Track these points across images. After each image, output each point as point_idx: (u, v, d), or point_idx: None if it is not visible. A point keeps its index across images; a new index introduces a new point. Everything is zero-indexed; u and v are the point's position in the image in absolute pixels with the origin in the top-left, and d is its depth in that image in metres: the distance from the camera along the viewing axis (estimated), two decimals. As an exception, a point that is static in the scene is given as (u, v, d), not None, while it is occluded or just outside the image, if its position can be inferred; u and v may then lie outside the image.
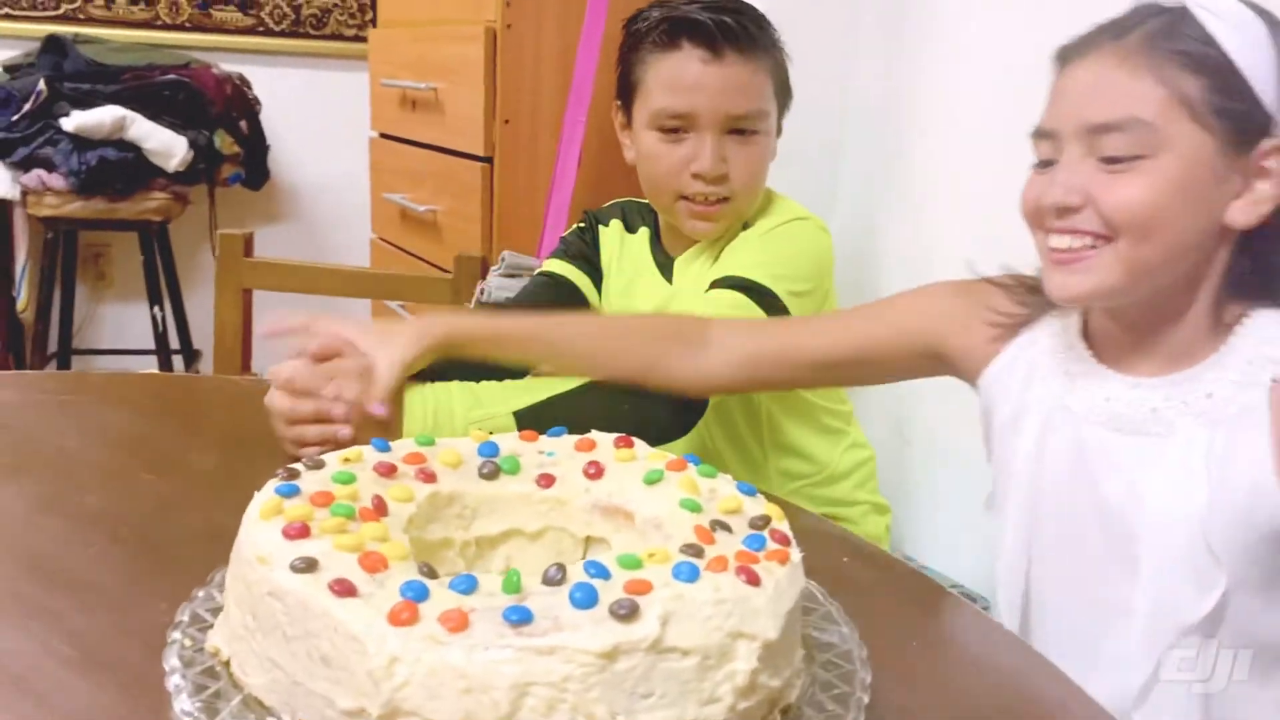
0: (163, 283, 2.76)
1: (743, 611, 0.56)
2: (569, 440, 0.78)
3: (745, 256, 1.21)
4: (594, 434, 0.78)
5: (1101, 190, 0.81)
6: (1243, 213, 0.81)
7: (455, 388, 1.00)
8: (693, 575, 0.57)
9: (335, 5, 3.08)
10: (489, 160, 1.91)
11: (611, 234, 1.38)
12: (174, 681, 0.57)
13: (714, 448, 1.31)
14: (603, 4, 1.75)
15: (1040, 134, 0.85)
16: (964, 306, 0.99)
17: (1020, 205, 0.87)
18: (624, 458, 0.75)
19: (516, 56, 1.86)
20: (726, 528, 0.65)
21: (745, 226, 1.27)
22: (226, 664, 0.59)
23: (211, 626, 0.62)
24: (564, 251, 1.38)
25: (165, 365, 2.74)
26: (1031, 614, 0.91)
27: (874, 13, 1.72)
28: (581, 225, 1.41)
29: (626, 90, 1.29)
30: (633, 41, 1.27)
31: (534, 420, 0.95)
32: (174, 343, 2.81)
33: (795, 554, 0.63)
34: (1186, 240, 0.81)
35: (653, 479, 0.71)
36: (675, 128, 1.23)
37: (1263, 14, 0.81)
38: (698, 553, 0.60)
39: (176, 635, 0.61)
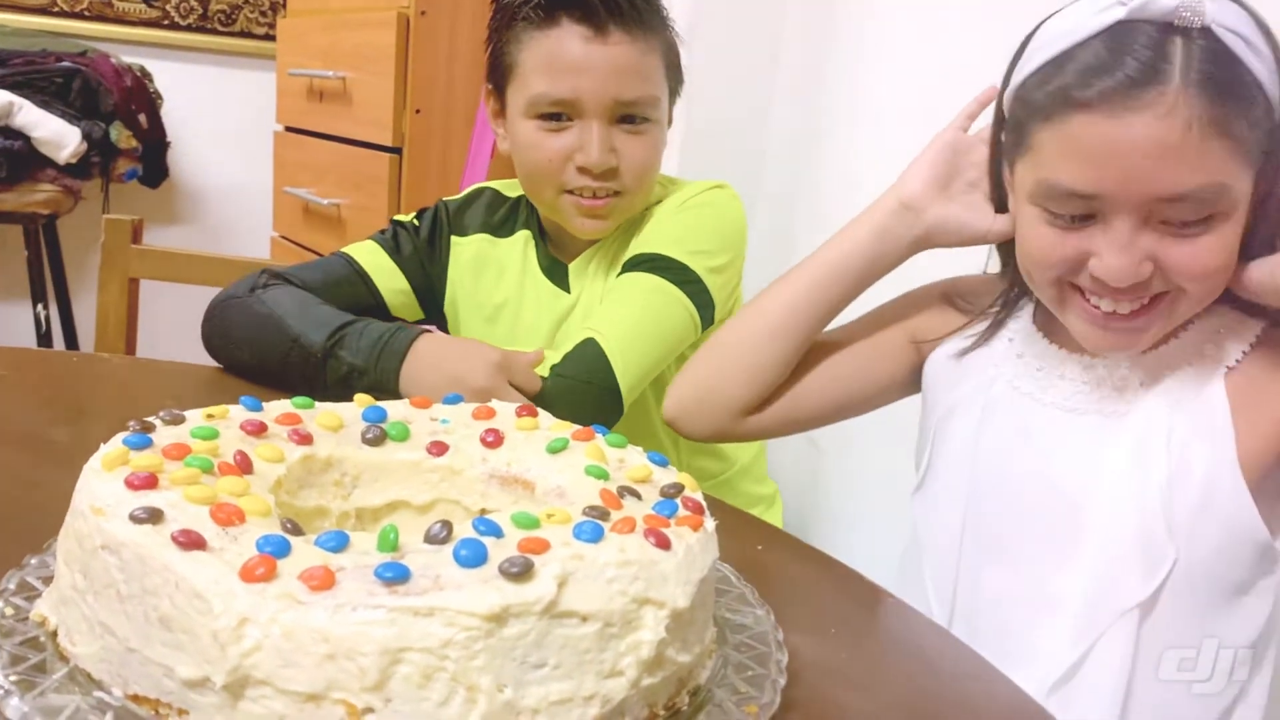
0: (49, 281, 2.61)
1: (650, 576, 0.50)
2: (466, 408, 0.71)
3: (658, 232, 1.12)
4: (494, 402, 0.72)
5: (1171, 255, 0.74)
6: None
7: None
8: (596, 534, 0.51)
9: (245, 2, 2.97)
10: (398, 151, 1.84)
11: (470, 247, 1.21)
12: (-13, 652, 0.49)
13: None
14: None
15: (1072, 194, 0.75)
16: (929, 296, 0.98)
17: (1035, 260, 0.79)
18: (526, 426, 0.69)
19: (430, 44, 1.80)
20: (635, 494, 0.59)
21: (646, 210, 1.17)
22: (54, 635, 0.51)
23: (41, 595, 0.54)
24: (393, 245, 1.20)
25: (48, 367, 2.58)
26: (958, 604, 0.87)
27: (798, 29, 1.70)
28: (426, 222, 1.23)
29: (499, 73, 1.13)
30: (504, 18, 1.11)
31: None
32: (59, 344, 2.66)
33: (709, 522, 0.57)
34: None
35: (556, 448, 0.65)
36: (557, 114, 1.08)
37: (1256, 20, 0.74)
38: (603, 515, 0.54)
39: (-2, 603, 0.53)
